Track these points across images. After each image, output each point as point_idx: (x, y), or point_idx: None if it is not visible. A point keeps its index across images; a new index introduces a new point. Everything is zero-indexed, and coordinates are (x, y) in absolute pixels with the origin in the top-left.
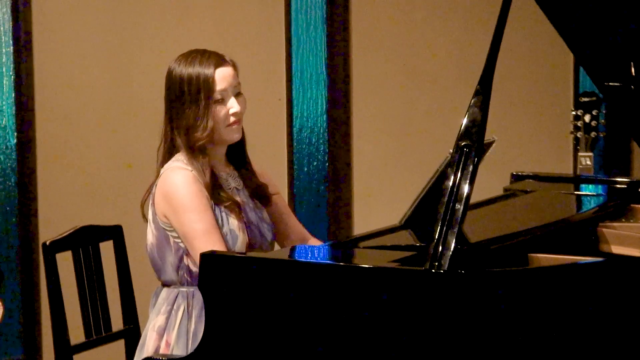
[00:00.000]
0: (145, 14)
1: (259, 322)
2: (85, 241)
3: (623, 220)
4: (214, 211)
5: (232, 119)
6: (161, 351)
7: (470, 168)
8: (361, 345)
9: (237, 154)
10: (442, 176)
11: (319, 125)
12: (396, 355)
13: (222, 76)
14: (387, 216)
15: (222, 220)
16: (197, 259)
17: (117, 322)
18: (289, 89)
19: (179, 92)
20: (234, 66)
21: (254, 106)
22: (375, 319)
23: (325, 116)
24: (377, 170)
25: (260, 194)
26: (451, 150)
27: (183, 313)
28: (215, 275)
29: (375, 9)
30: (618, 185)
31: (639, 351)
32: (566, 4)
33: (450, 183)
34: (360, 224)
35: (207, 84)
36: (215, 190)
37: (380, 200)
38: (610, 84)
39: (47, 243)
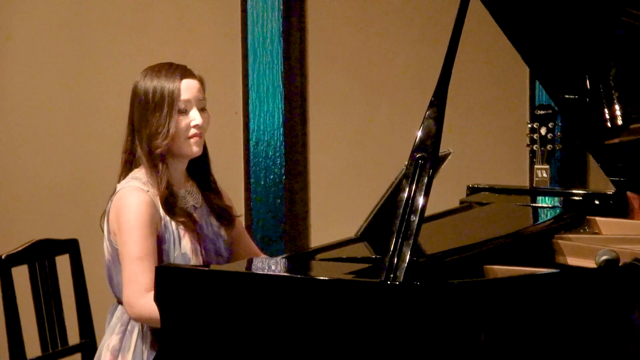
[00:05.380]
0: (102, 27)
1: (215, 334)
2: (41, 255)
3: (579, 231)
4: (166, 233)
5: (192, 131)
6: None
7: (426, 180)
8: (317, 356)
9: (201, 173)
10: (397, 188)
11: (275, 138)
12: None
13: (187, 86)
14: (344, 229)
15: (174, 242)
16: (125, 280)
17: (73, 336)
18: (245, 102)
19: (143, 101)
20: (201, 81)
21: (210, 119)
22: (332, 330)
23: (281, 129)
24: (334, 183)
25: (223, 216)
26: (407, 162)
27: (138, 334)
28: (171, 287)
29: (332, 21)
30: (574, 197)
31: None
32: (522, 18)
33: (406, 195)
34: (318, 237)
35: (172, 93)
36: (170, 204)
37: (337, 213)
38: (565, 96)
39: (3, 257)
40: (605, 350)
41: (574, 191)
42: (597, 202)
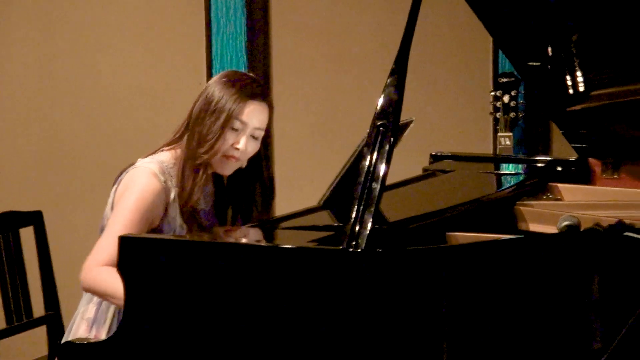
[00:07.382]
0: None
1: (179, 303)
2: (5, 227)
3: (541, 198)
4: (165, 226)
5: (232, 152)
6: None
7: (387, 147)
8: (280, 324)
9: (244, 194)
10: (360, 156)
11: None
12: (315, 334)
13: (251, 110)
14: (308, 198)
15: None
16: (95, 246)
17: (38, 308)
18: (209, 72)
19: (209, 100)
20: (270, 107)
21: (173, 90)
22: (295, 298)
23: None
24: (297, 152)
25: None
26: (368, 130)
27: (115, 310)
28: (135, 257)
29: None
30: (537, 164)
31: (554, 326)
32: None
33: (367, 163)
34: (281, 206)
35: (233, 111)
36: (187, 207)
37: (300, 182)
38: (528, 64)
39: None
40: (566, 315)
41: (537, 158)
42: (559, 168)
